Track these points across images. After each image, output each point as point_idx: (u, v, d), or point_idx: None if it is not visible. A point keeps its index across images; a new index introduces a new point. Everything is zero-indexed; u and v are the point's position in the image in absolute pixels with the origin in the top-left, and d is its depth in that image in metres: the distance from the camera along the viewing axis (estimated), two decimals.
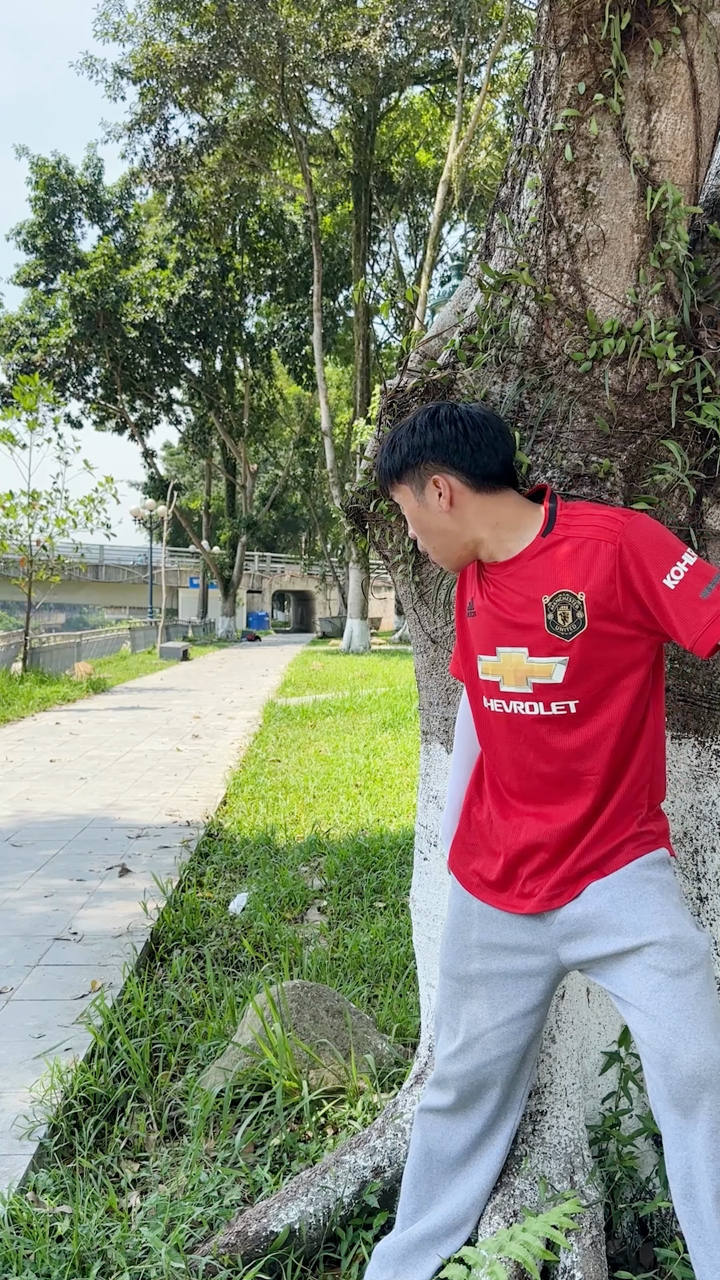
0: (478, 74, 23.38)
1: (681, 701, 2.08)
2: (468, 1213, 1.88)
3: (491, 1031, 1.80)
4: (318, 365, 26.93)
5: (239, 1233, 2.03)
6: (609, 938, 1.66)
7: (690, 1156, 1.58)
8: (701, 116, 1.95)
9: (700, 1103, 1.55)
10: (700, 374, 1.98)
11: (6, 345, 29.60)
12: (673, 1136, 1.60)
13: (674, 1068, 1.56)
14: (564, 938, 1.72)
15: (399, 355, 2.32)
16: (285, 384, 40.24)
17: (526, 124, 2.06)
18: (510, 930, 1.78)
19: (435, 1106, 1.89)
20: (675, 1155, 1.60)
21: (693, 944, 1.62)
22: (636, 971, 1.62)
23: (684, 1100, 1.56)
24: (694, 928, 1.65)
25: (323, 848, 5.41)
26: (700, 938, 1.63)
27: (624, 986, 1.64)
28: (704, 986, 1.60)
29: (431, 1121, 1.90)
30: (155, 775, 7.98)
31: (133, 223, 32.24)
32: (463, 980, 1.82)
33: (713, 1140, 1.55)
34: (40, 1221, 2.18)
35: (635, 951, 1.63)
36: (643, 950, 1.62)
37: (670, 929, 1.62)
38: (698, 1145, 1.56)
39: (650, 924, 1.63)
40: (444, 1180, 1.90)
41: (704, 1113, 1.55)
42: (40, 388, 15.58)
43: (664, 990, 1.59)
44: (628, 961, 1.64)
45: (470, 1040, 1.81)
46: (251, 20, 20.49)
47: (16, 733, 10.49)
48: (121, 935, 4.04)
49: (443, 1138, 1.89)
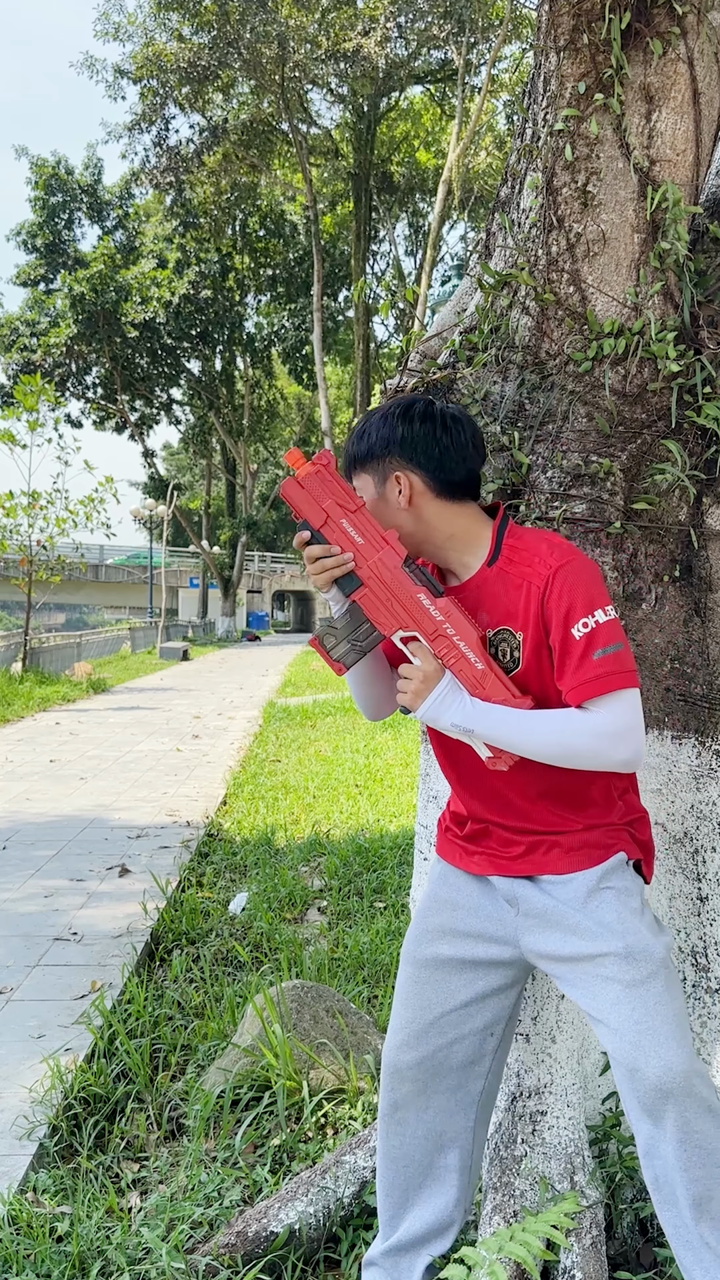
0: (478, 74, 23.38)
1: (681, 701, 2.08)
2: (450, 1215, 1.86)
3: (446, 1015, 1.77)
4: (318, 365, 26.92)
5: (239, 1233, 2.03)
6: (566, 937, 1.66)
7: (665, 1165, 1.59)
8: (701, 116, 1.95)
9: (667, 1112, 1.56)
10: (700, 374, 1.98)
11: (6, 345, 29.60)
12: (645, 1145, 1.61)
13: (639, 1080, 1.56)
14: (526, 929, 1.72)
15: (399, 355, 2.32)
16: (285, 384, 40.23)
17: (526, 124, 2.06)
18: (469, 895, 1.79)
19: (391, 1105, 1.84)
20: (650, 1164, 1.62)
21: (647, 952, 1.61)
22: (595, 984, 1.63)
23: (652, 1110, 1.57)
24: (651, 934, 1.64)
25: (323, 848, 5.41)
26: (656, 944, 1.62)
27: (586, 1000, 1.64)
28: (663, 994, 1.59)
29: (389, 1127, 1.86)
30: (155, 775, 7.98)
31: (133, 223, 32.23)
32: (421, 965, 1.81)
33: (682, 1149, 1.56)
34: (40, 1221, 2.18)
35: (591, 961, 1.63)
36: (598, 960, 1.63)
37: (624, 939, 1.62)
38: (669, 1154, 1.58)
39: (605, 933, 1.63)
40: (414, 1185, 1.86)
41: (670, 1121, 1.56)
42: (41, 388, 15.57)
43: (623, 1003, 1.59)
44: (586, 972, 1.64)
45: (425, 1026, 1.78)
46: (252, 20, 20.48)
47: (16, 733, 10.49)
48: (121, 935, 4.04)
49: (402, 1142, 1.85)
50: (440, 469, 1.67)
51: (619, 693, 1.56)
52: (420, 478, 1.68)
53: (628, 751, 1.56)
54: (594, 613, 1.57)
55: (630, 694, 1.57)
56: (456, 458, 1.67)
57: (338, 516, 1.65)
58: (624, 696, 1.56)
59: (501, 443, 2.06)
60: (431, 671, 1.61)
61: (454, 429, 1.68)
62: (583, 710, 1.57)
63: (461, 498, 1.70)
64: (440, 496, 1.69)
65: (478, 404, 2.08)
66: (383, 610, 1.65)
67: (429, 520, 1.69)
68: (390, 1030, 1.85)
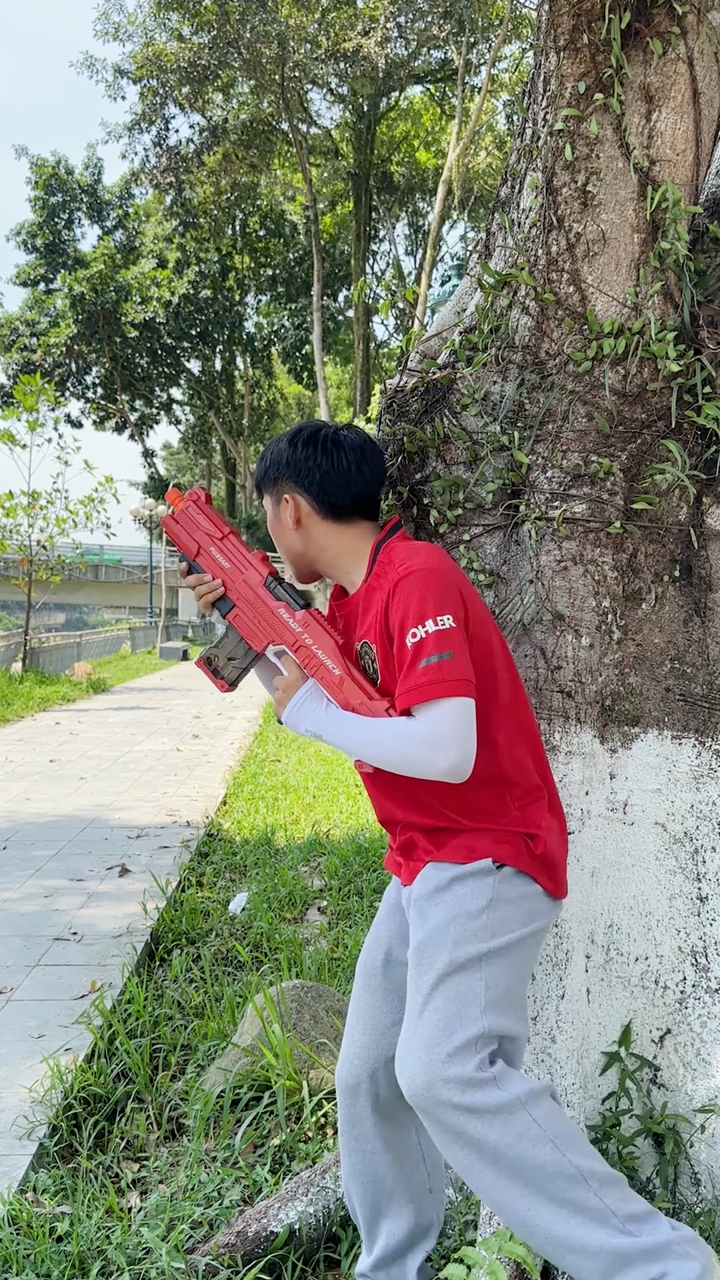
0: (478, 74, 23.38)
1: (681, 701, 2.08)
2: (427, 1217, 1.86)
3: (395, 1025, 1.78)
4: (318, 365, 26.93)
5: (239, 1233, 2.03)
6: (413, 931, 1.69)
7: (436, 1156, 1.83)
8: (701, 116, 1.95)
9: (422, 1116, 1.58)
10: (700, 374, 1.98)
11: (6, 345, 29.61)
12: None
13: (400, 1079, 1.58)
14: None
15: (399, 355, 2.32)
16: (285, 384, 40.24)
17: (526, 124, 2.06)
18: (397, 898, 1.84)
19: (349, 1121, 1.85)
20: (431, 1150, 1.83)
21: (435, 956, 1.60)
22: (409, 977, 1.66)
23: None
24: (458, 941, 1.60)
25: (323, 847, 5.40)
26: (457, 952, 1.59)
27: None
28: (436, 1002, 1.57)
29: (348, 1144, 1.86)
30: (155, 775, 7.98)
31: (132, 222, 32.25)
32: (369, 973, 1.84)
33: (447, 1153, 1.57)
34: (40, 1221, 2.18)
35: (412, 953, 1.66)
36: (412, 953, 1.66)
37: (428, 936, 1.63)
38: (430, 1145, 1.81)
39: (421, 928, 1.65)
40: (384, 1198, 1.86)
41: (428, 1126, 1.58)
42: (41, 388, 15.57)
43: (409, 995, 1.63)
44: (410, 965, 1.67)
45: (375, 1037, 1.80)
46: (252, 20, 20.49)
47: (16, 733, 10.49)
48: (121, 935, 4.04)
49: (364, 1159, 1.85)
50: (323, 492, 1.75)
51: (439, 701, 1.56)
52: (306, 500, 1.77)
53: (448, 761, 1.55)
54: (425, 622, 1.58)
55: (451, 703, 1.56)
56: (338, 482, 1.75)
57: (207, 545, 1.81)
58: (444, 705, 1.56)
59: (501, 443, 2.06)
60: (291, 681, 1.72)
61: (335, 454, 1.75)
62: (409, 717, 1.60)
63: (348, 519, 1.78)
64: (326, 518, 1.77)
65: (478, 404, 2.08)
66: (253, 627, 1.78)
67: (317, 540, 1.79)
68: (343, 1045, 1.86)
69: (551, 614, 2.02)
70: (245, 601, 1.78)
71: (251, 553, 1.79)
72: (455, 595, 1.63)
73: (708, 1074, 2.03)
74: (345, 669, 1.69)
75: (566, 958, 2.00)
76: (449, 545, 2.14)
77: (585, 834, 2.05)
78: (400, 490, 2.17)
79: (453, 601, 1.62)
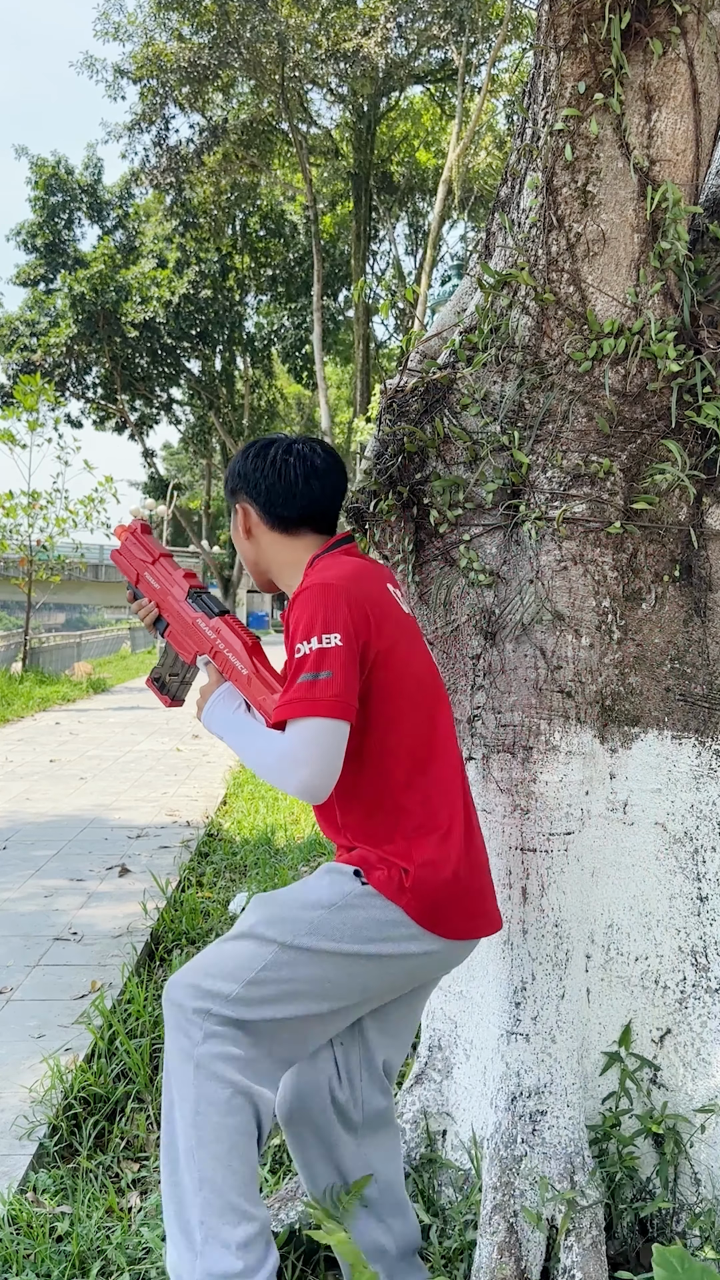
0: (478, 74, 23.38)
1: (681, 701, 2.08)
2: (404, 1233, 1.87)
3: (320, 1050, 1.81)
4: (318, 365, 26.91)
5: None
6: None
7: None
8: (701, 116, 1.95)
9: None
10: (700, 374, 1.98)
11: (6, 345, 29.61)
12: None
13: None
14: None
15: (399, 355, 2.32)
16: (285, 384, 40.22)
17: (526, 124, 2.06)
18: None
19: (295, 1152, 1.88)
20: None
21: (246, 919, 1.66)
22: None
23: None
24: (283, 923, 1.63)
25: (322, 848, 5.40)
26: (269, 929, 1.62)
27: None
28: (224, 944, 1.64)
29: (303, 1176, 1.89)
30: (155, 775, 7.97)
31: (133, 222, 32.24)
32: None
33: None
34: (40, 1221, 2.18)
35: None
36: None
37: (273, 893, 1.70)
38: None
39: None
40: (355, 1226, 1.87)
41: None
42: (41, 388, 15.56)
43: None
44: None
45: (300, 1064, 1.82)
46: (252, 20, 20.48)
47: (16, 733, 10.49)
48: (121, 935, 4.04)
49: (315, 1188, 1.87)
50: (270, 503, 1.81)
51: (304, 719, 1.56)
52: (255, 510, 1.83)
53: (298, 779, 1.56)
54: (310, 638, 1.60)
55: (310, 723, 1.56)
56: (284, 494, 1.80)
57: (143, 570, 1.93)
58: (306, 724, 1.56)
59: (501, 443, 2.06)
60: (209, 685, 1.80)
61: (283, 468, 1.79)
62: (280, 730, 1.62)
63: (295, 530, 1.82)
64: (273, 529, 1.83)
65: (478, 404, 2.08)
66: (183, 640, 1.88)
67: (265, 549, 1.85)
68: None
69: (551, 614, 2.02)
70: (174, 617, 1.88)
71: (177, 571, 1.89)
72: (348, 615, 1.62)
73: (708, 1074, 2.03)
74: (253, 668, 1.75)
75: (566, 958, 2.00)
76: (449, 545, 2.14)
77: (585, 834, 2.05)
78: (400, 490, 2.17)
79: (343, 621, 1.61)
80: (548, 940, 1.99)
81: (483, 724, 2.09)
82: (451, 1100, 2.18)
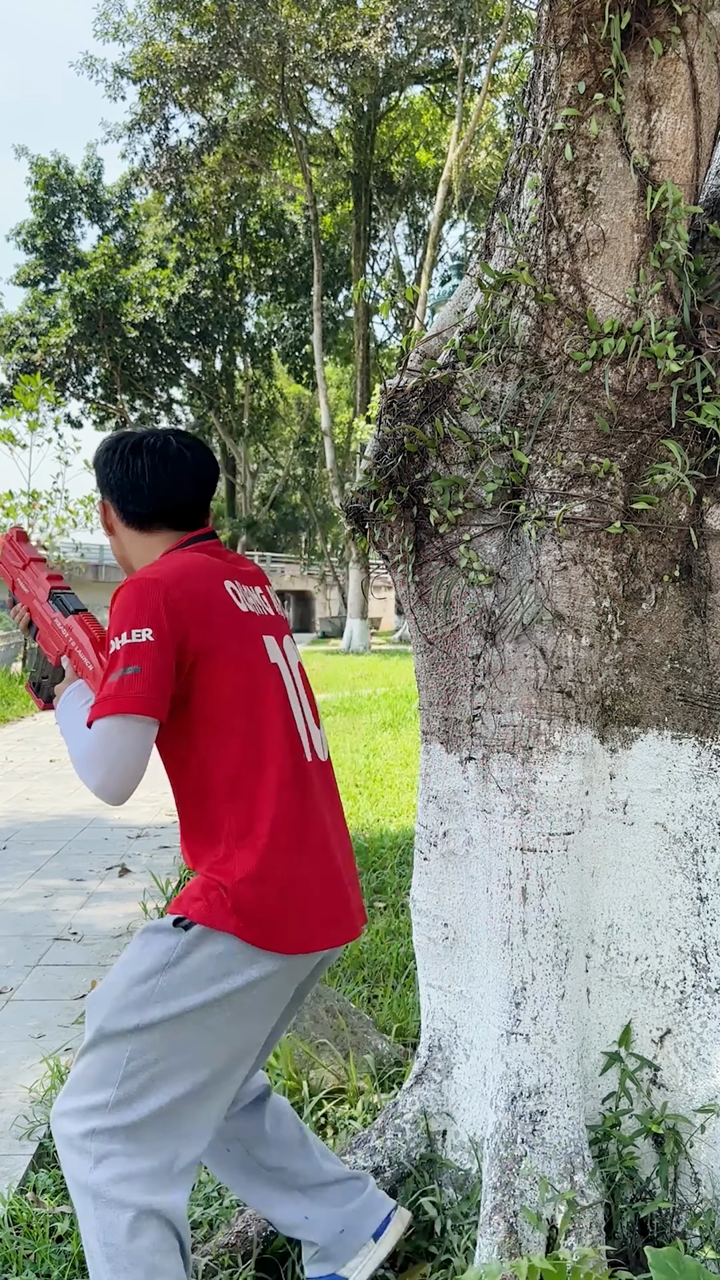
0: (478, 74, 23.38)
1: (681, 701, 2.08)
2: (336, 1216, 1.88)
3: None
4: (318, 365, 26.92)
5: (239, 1233, 2.03)
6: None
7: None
8: (701, 116, 1.95)
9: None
10: (700, 374, 1.98)
11: (6, 345, 29.63)
12: None
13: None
14: None
15: (399, 355, 2.32)
16: (285, 384, 40.23)
17: (526, 124, 2.06)
18: None
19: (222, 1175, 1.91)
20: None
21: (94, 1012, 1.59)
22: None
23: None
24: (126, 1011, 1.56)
25: None
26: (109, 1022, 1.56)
27: None
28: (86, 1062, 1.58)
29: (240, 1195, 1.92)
30: (155, 775, 7.97)
31: (132, 222, 32.26)
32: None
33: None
34: (40, 1221, 2.18)
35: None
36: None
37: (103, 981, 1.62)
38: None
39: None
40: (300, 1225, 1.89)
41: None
42: (41, 388, 15.57)
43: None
44: None
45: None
46: (252, 20, 20.49)
47: (16, 733, 10.49)
48: (121, 935, 4.04)
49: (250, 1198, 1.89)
50: (122, 499, 1.80)
51: (107, 718, 1.52)
52: (114, 507, 1.83)
53: (96, 781, 1.53)
54: (121, 634, 1.57)
55: (111, 721, 1.52)
56: (135, 494, 1.78)
57: (15, 576, 1.96)
58: (109, 722, 1.52)
59: (501, 443, 2.06)
60: (65, 683, 1.80)
61: (131, 463, 1.77)
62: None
63: (150, 526, 1.80)
64: (129, 525, 1.82)
65: (478, 404, 2.08)
66: (47, 641, 1.89)
67: (126, 545, 1.84)
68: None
69: (551, 614, 2.02)
70: (40, 619, 1.90)
71: (42, 574, 1.91)
72: (163, 611, 1.57)
73: (708, 1074, 2.03)
74: (96, 662, 1.75)
75: (566, 958, 2.00)
76: (449, 545, 2.14)
77: (585, 834, 2.05)
78: (400, 490, 2.17)
79: (156, 617, 1.56)
80: (548, 940, 1.99)
81: (483, 724, 2.09)
82: (451, 1100, 2.18)
